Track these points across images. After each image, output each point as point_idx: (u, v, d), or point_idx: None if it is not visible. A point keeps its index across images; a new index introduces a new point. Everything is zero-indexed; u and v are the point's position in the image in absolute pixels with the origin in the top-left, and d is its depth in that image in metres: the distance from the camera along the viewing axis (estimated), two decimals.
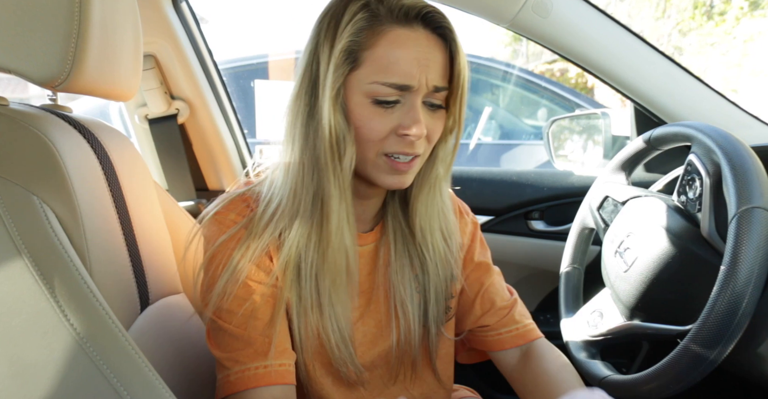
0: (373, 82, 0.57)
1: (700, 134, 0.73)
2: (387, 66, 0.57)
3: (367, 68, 0.58)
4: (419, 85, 0.58)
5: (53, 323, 0.45)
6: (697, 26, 5.50)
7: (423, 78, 0.58)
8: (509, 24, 1.02)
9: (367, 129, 0.59)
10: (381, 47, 0.57)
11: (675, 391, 0.64)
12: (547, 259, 1.23)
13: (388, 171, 0.61)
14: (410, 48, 0.57)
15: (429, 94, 0.60)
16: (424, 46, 0.58)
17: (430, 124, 0.61)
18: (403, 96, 0.59)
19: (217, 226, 0.63)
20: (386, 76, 0.57)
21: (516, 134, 3.19)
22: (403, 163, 0.60)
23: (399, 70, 0.57)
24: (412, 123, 0.58)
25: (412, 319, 0.68)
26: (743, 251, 0.58)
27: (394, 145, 0.59)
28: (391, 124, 0.59)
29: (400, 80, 0.57)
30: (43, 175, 0.52)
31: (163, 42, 1.14)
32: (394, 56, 0.57)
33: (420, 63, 0.57)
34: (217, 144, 1.24)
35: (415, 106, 0.58)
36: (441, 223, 0.69)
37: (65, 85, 0.54)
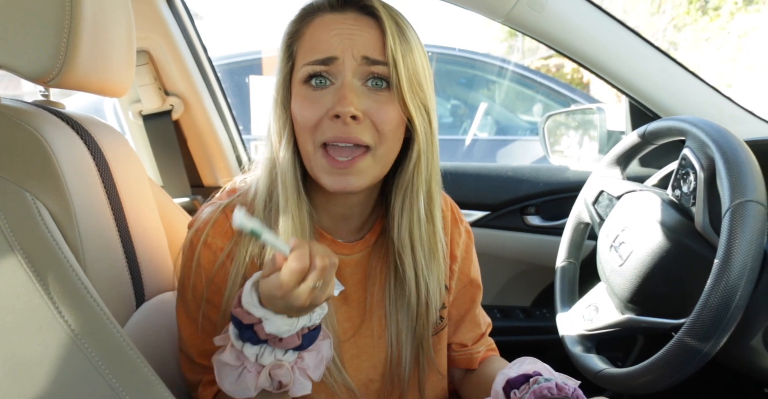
0: (303, 65, 0.58)
1: (694, 128, 0.73)
2: (311, 47, 0.58)
3: (300, 57, 0.59)
4: (343, 56, 0.56)
5: (47, 320, 0.45)
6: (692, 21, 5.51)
7: (347, 50, 0.56)
8: (504, 19, 1.02)
9: (299, 116, 0.58)
10: (308, 33, 0.59)
11: (669, 383, 0.64)
12: (543, 254, 1.23)
13: (327, 169, 0.57)
14: (333, 26, 0.58)
15: (364, 71, 0.57)
16: (351, 25, 0.57)
17: (372, 106, 0.56)
18: (331, 73, 0.57)
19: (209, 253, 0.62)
20: (311, 55, 0.57)
21: (512, 130, 3.20)
22: (341, 162, 0.56)
23: (321, 46, 0.57)
24: (339, 99, 0.55)
25: (405, 330, 0.67)
26: (736, 244, 0.58)
27: (327, 130, 0.56)
28: (323, 108, 0.56)
29: (322, 54, 0.57)
30: (36, 172, 0.52)
31: (157, 37, 1.13)
32: (317, 37, 0.58)
33: (342, 37, 0.57)
34: (212, 140, 1.24)
35: (344, 84, 0.56)
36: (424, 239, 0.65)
37: (57, 81, 0.54)
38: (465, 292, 0.76)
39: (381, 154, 0.58)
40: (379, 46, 0.57)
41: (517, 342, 1.29)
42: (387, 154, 0.59)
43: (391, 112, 0.57)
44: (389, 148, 0.59)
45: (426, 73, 0.60)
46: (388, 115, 0.57)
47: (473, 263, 0.77)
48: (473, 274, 0.77)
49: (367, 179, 0.58)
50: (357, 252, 0.67)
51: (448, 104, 3.13)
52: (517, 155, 2.89)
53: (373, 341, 0.68)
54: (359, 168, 0.57)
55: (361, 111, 0.56)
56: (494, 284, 1.32)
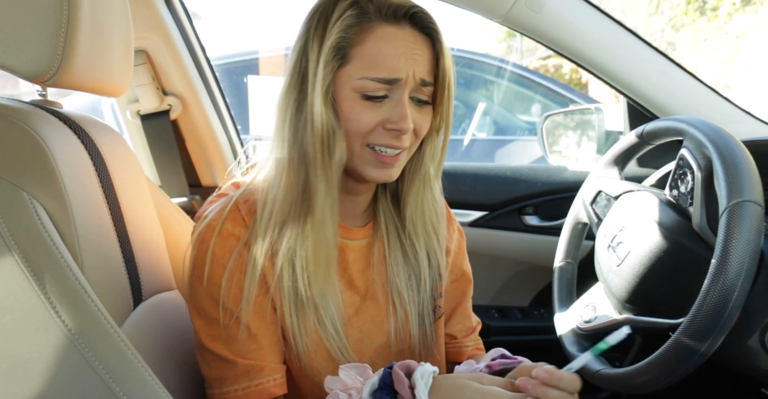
0: (362, 77, 0.59)
1: (691, 128, 0.73)
2: (375, 61, 0.59)
3: (356, 64, 0.59)
4: (406, 79, 0.59)
5: (44, 320, 0.44)
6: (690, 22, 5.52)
7: (410, 72, 0.59)
8: (503, 19, 1.02)
9: (355, 122, 0.60)
10: (369, 43, 0.59)
11: (667, 383, 0.64)
12: (541, 254, 1.23)
13: (374, 164, 0.62)
14: (397, 44, 0.59)
15: (416, 89, 0.61)
16: (411, 43, 0.60)
17: (417, 119, 0.62)
18: (391, 90, 0.60)
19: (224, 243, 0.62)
20: (374, 71, 0.59)
21: (510, 130, 3.20)
22: (388, 157, 0.61)
23: (387, 64, 0.59)
24: (399, 117, 0.60)
25: (410, 312, 0.69)
26: (734, 244, 0.58)
27: (380, 137, 0.61)
28: (378, 118, 0.60)
29: (388, 74, 0.59)
30: (33, 171, 0.51)
31: (155, 37, 1.13)
32: (382, 52, 0.59)
33: (407, 57, 0.59)
34: (210, 140, 1.24)
35: (402, 101, 0.60)
36: (432, 220, 0.71)
37: (54, 80, 0.54)
38: (457, 284, 0.79)
39: (412, 150, 0.66)
40: (432, 69, 0.62)
41: (515, 342, 1.29)
42: (414, 148, 0.66)
43: (428, 121, 0.64)
44: (417, 144, 0.66)
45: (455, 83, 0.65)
46: (427, 125, 0.64)
47: (465, 258, 0.81)
48: (465, 267, 0.80)
49: (401, 169, 0.66)
50: (361, 237, 0.70)
51: None
52: (515, 155, 2.89)
53: (376, 326, 0.69)
54: (401, 162, 0.64)
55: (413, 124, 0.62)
56: (492, 284, 1.32)
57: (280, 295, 0.63)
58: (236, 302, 0.61)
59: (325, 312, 0.63)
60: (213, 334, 0.62)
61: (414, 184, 0.68)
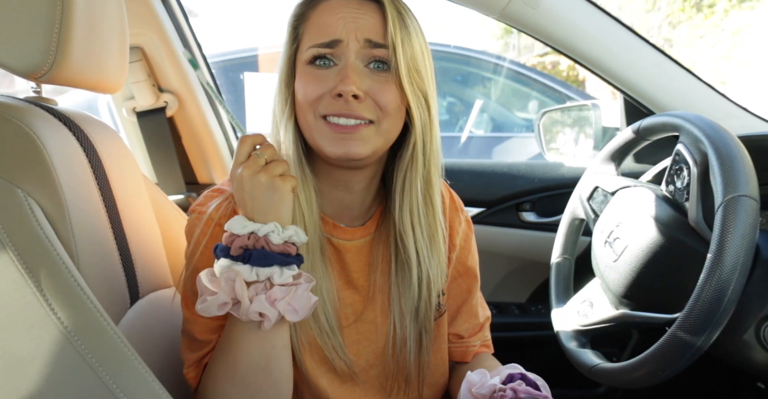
0: (308, 47, 0.60)
1: (687, 124, 0.73)
2: (317, 30, 0.60)
3: (305, 39, 0.61)
4: (347, 39, 0.59)
5: (40, 317, 0.44)
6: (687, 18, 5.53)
7: (351, 33, 0.59)
8: (499, 15, 1.02)
9: (302, 92, 0.61)
10: (314, 16, 0.61)
11: (663, 377, 0.65)
12: (539, 250, 1.24)
13: (330, 136, 0.59)
14: (338, 10, 0.60)
15: (366, 53, 0.60)
16: (354, 8, 0.60)
17: (373, 87, 0.59)
18: (335, 55, 0.60)
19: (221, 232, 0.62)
20: (317, 38, 0.60)
21: (507, 127, 3.20)
22: (343, 127, 0.59)
23: (326, 29, 0.60)
24: (341, 79, 0.58)
25: (408, 315, 0.68)
26: (729, 239, 0.58)
27: (329, 106, 0.59)
28: (326, 86, 0.60)
29: (327, 37, 0.59)
30: (28, 168, 0.51)
31: (150, 34, 1.12)
32: (323, 20, 0.60)
33: (346, 20, 0.60)
34: (207, 137, 1.23)
35: (347, 65, 0.59)
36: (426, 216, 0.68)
37: (49, 77, 0.53)
38: (461, 282, 0.77)
39: (384, 128, 0.61)
40: (382, 30, 0.60)
41: (513, 338, 1.29)
42: (389, 129, 0.61)
43: (392, 92, 0.60)
44: (391, 123, 0.61)
45: (426, 61, 0.63)
46: (389, 95, 0.60)
47: (471, 253, 0.78)
48: (470, 263, 0.78)
49: (369, 148, 0.60)
50: (359, 238, 0.68)
51: (444, 101, 3.13)
52: (512, 152, 2.89)
53: (375, 327, 0.68)
54: (362, 135, 0.59)
55: (363, 91, 0.59)
56: (490, 280, 1.32)
57: None
58: None
59: (318, 309, 0.63)
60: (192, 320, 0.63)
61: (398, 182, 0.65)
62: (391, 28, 0.59)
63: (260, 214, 0.55)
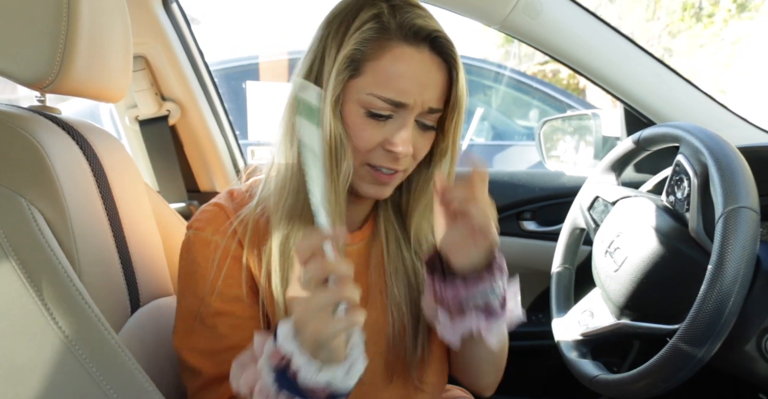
0: (371, 93, 0.58)
1: (687, 135, 0.73)
2: (387, 80, 0.57)
3: (367, 79, 0.58)
4: (414, 105, 0.58)
5: (41, 326, 0.44)
6: (687, 28, 5.56)
7: (420, 98, 0.58)
8: (500, 25, 1.03)
9: (356, 138, 0.59)
10: (384, 60, 0.57)
11: (664, 389, 0.65)
12: (539, 260, 1.23)
13: (371, 181, 0.62)
14: (413, 66, 0.58)
15: (423, 114, 0.60)
16: (427, 67, 0.58)
17: (419, 143, 0.61)
18: (397, 112, 0.59)
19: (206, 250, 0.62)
20: (384, 90, 0.57)
21: (508, 135, 3.21)
22: (385, 176, 0.61)
23: (398, 86, 0.57)
24: (400, 141, 0.59)
25: (407, 320, 0.68)
26: (730, 250, 0.59)
27: (380, 158, 0.60)
28: (380, 138, 0.59)
29: (397, 97, 0.57)
30: (31, 177, 0.52)
31: (154, 43, 1.13)
32: (395, 72, 0.57)
33: (419, 83, 0.58)
34: (209, 145, 1.24)
35: (406, 125, 0.59)
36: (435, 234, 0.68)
37: (53, 86, 0.54)
38: None
39: (409, 171, 0.65)
40: (443, 95, 0.61)
41: (513, 347, 1.28)
42: (411, 169, 0.65)
43: (429, 145, 0.63)
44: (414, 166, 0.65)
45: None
46: (426, 149, 0.63)
47: None
48: None
49: (394, 188, 0.65)
50: (357, 242, 0.69)
51: None
52: (513, 160, 2.89)
53: (375, 332, 0.68)
54: (397, 181, 0.64)
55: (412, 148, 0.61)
56: None
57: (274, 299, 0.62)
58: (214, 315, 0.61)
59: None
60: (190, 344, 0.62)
61: (420, 202, 0.67)
62: (458, 97, 0.61)
63: (326, 357, 0.49)
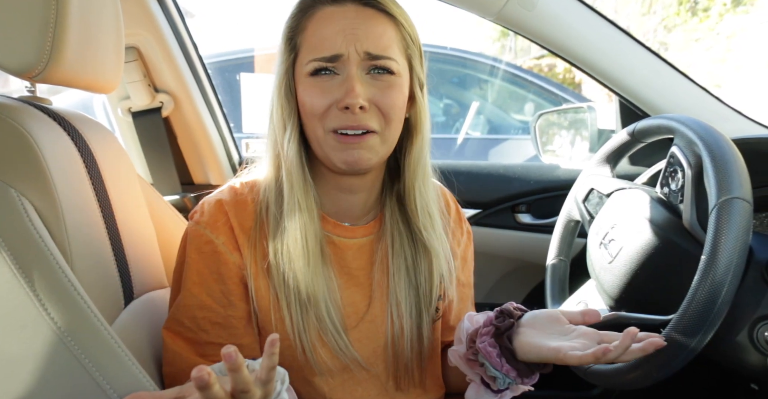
0: (309, 60, 0.60)
1: (682, 127, 0.73)
2: (317, 42, 0.60)
3: (304, 50, 0.61)
4: (348, 54, 0.59)
5: (32, 317, 0.44)
6: (682, 22, 5.56)
7: (350, 46, 0.59)
8: (495, 17, 1.02)
9: (308, 105, 0.61)
10: (311, 27, 0.60)
11: (657, 379, 0.65)
12: (534, 252, 1.24)
13: (340, 148, 0.61)
14: (336, 22, 0.59)
15: (366, 63, 0.60)
16: (352, 18, 0.60)
17: (377, 95, 0.60)
18: (337, 68, 0.60)
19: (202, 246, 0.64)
20: (317, 51, 0.60)
21: (504, 129, 3.21)
22: (352, 137, 0.60)
23: (326, 43, 0.59)
24: (345, 92, 0.59)
25: (406, 316, 0.68)
26: (723, 241, 0.59)
27: (337, 119, 0.60)
28: (330, 98, 0.60)
29: (328, 52, 0.59)
30: (21, 168, 0.51)
31: (146, 34, 1.12)
32: (321, 32, 0.60)
33: (346, 33, 0.59)
34: (203, 137, 1.23)
35: (349, 76, 0.59)
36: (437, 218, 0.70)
37: (43, 76, 0.53)
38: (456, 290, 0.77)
39: (387, 135, 0.62)
40: (381, 39, 0.60)
41: None
42: (392, 135, 0.63)
43: (394, 96, 0.61)
44: (394, 128, 0.63)
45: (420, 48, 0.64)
46: (392, 100, 0.61)
47: (468, 265, 0.80)
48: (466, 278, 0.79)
49: (375, 156, 0.62)
50: (360, 236, 0.69)
51: (441, 103, 3.14)
52: (509, 154, 2.90)
53: (375, 326, 0.69)
54: (369, 144, 0.61)
55: (367, 100, 0.59)
56: (485, 282, 1.33)
57: (276, 293, 0.63)
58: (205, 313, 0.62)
59: (321, 308, 0.63)
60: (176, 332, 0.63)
61: (412, 173, 0.67)
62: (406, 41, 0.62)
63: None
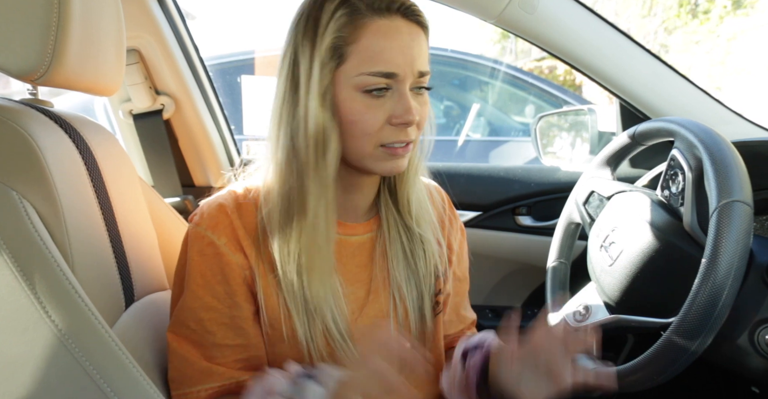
0: (361, 73, 0.59)
1: (682, 129, 0.73)
2: (373, 56, 0.59)
3: (353, 61, 0.59)
4: (404, 73, 0.60)
5: (34, 319, 0.44)
6: (683, 24, 5.57)
7: (408, 66, 0.60)
8: (496, 20, 1.03)
9: (362, 122, 0.60)
10: (365, 39, 0.59)
11: (658, 381, 0.65)
12: (535, 254, 1.24)
13: (386, 159, 0.62)
14: (393, 37, 0.59)
15: (415, 81, 0.62)
16: (406, 35, 0.60)
17: (420, 109, 0.63)
18: (391, 85, 0.60)
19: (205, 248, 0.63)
20: (373, 65, 0.59)
21: (504, 131, 3.21)
22: (400, 149, 0.62)
23: (384, 58, 0.59)
24: (404, 110, 0.60)
25: (409, 308, 0.69)
26: (723, 244, 0.59)
27: (390, 134, 0.61)
28: (384, 114, 0.60)
29: (387, 68, 0.59)
30: (22, 170, 0.51)
31: (148, 36, 1.12)
32: (378, 46, 0.59)
33: (403, 51, 0.59)
34: (204, 140, 1.23)
35: (404, 94, 0.60)
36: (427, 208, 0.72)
37: (45, 79, 0.53)
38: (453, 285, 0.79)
39: (416, 142, 0.66)
40: (426, 56, 0.62)
41: None
42: (419, 139, 0.67)
43: (427, 111, 0.65)
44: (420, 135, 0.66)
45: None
46: (426, 114, 0.64)
47: (463, 260, 0.81)
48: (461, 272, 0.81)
49: (408, 161, 0.66)
50: (360, 233, 0.70)
51: (441, 105, 3.14)
52: (509, 156, 2.89)
53: (378, 313, 0.69)
54: (409, 153, 0.65)
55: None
56: (486, 284, 1.33)
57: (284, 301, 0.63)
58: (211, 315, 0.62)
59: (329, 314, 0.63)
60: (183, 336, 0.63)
61: (410, 175, 0.69)
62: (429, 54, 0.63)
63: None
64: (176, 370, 0.63)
